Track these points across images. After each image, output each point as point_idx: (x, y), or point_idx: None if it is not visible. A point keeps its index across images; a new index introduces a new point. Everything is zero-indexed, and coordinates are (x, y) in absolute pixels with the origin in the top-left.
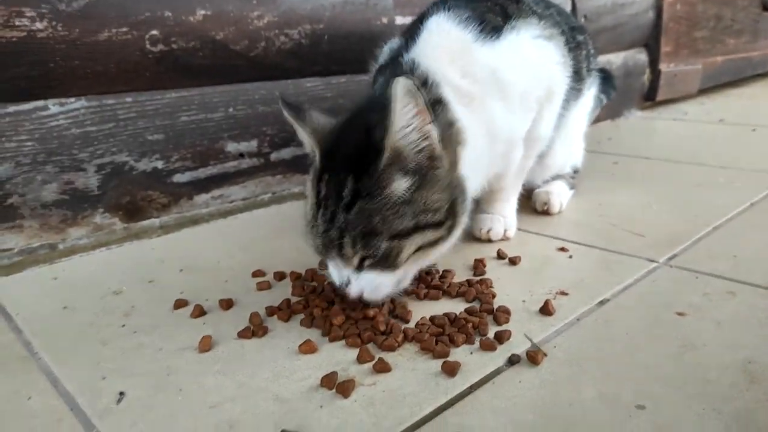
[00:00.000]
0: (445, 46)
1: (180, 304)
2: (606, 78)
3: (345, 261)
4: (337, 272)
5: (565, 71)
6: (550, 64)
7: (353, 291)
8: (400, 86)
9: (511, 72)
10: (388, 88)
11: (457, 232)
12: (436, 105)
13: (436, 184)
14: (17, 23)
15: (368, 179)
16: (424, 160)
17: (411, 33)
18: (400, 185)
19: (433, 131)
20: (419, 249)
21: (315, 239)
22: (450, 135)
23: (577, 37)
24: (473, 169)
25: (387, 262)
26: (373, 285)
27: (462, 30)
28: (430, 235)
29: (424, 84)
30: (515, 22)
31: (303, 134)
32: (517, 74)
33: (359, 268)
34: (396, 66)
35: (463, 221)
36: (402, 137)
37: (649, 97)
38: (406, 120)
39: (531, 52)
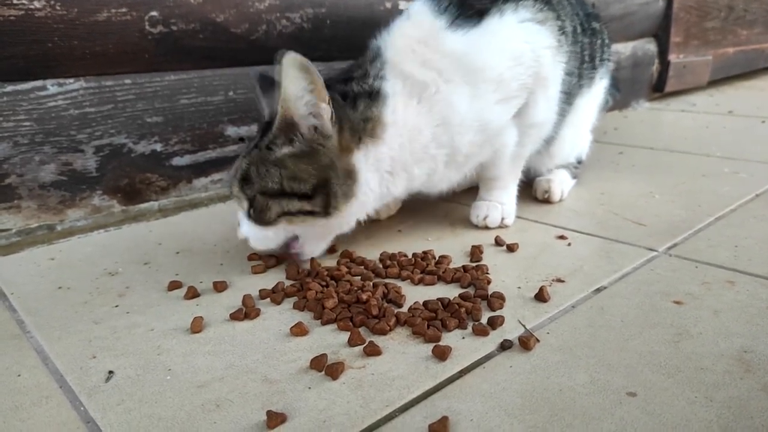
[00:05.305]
0: (412, 34)
1: (174, 285)
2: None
3: (240, 202)
4: (239, 212)
5: (558, 56)
6: (539, 48)
7: (240, 232)
8: (289, 59)
9: (484, 57)
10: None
11: (340, 216)
12: (372, 95)
13: (313, 158)
14: (15, 1)
15: (265, 136)
16: (312, 134)
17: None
18: (282, 150)
19: (325, 111)
20: (288, 214)
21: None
22: (360, 126)
23: (593, 24)
24: (405, 164)
25: (258, 215)
26: (252, 233)
27: (436, 17)
28: (298, 204)
29: (374, 73)
30: (504, 5)
31: (262, 105)
32: (492, 59)
33: (248, 213)
34: (364, 50)
35: (347, 209)
36: (293, 108)
37: (658, 88)
38: (297, 91)
39: (514, 37)
